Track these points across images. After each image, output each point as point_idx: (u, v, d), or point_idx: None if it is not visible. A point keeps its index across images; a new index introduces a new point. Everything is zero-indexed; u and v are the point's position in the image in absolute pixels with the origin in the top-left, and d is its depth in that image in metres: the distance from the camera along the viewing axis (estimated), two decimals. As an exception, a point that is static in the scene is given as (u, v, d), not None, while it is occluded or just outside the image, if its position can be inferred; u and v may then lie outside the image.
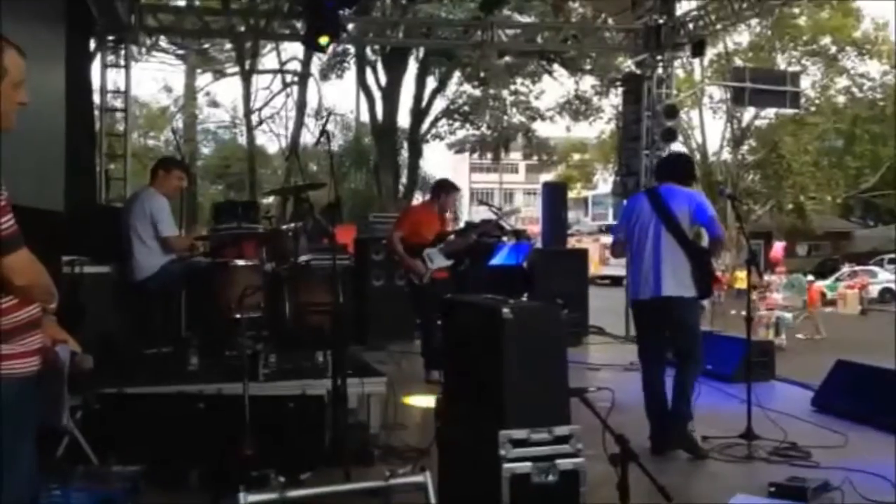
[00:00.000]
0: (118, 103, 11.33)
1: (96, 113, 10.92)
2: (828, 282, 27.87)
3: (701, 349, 5.04)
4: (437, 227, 7.17)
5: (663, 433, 4.85)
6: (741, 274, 19.98)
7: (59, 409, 3.47)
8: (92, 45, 10.98)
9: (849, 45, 30.83)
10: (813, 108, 30.62)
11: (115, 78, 11.25)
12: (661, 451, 4.76)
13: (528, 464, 3.03)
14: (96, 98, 11.07)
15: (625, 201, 8.34)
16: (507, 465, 3.01)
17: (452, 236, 7.34)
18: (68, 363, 2.76)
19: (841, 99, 32.05)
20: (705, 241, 5.12)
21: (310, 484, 3.57)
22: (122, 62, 11.20)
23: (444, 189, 7.33)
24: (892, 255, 37.19)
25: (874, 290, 27.42)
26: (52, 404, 3.29)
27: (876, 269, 31.30)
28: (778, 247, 27.36)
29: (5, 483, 2.14)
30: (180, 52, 25.87)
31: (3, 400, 2.10)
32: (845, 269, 31.67)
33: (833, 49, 31.06)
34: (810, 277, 20.81)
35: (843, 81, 31.84)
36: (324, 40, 10.08)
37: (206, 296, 5.38)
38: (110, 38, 11.11)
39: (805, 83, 26.55)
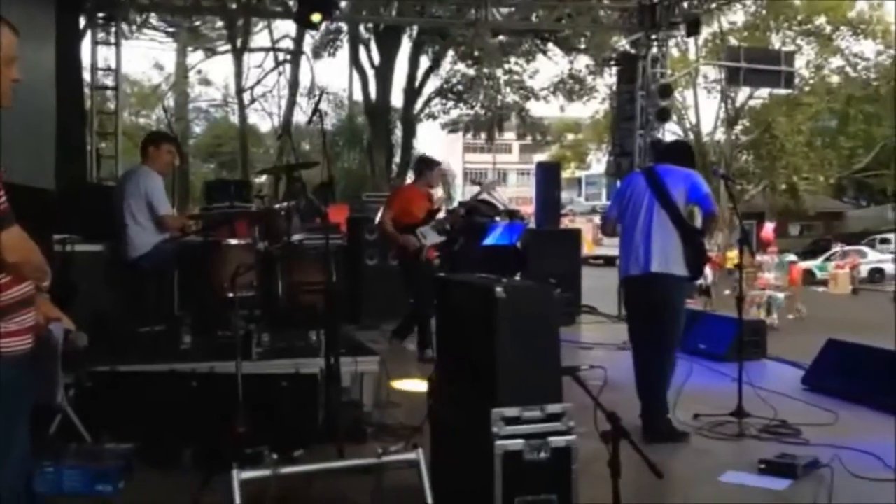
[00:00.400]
0: (109, 81, 11.24)
1: (87, 91, 10.85)
2: (817, 262, 28.03)
3: (679, 333, 4.98)
4: (426, 205, 7.23)
5: (655, 412, 4.86)
6: (733, 254, 20.06)
7: (53, 387, 3.47)
8: (82, 22, 10.90)
9: (843, 24, 30.71)
10: (807, 88, 30.56)
11: (106, 55, 11.16)
12: (656, 430, 4.76)
13: (521, 441, 3.05)
14: (87, 76, 10.99)
15: (618, 182, 8.33)
16: (499, 443, 3.02)
17: (442, 214, 7.40)
18: (62, 341, 2.75)
19: (835, 79, 31.97)
20: (698, 222, 5.13)
21: (303, 461, 3.59)
22: (112, 40, 11.10)
23: (428, 165, 7.49)
24: (884, 235, 37.39)
25: (864, 270, 27.55)
26: (46, 382, 3.29)
27: (866, 249, 31.43)
28: (768, 227, 27.43)
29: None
30: (171, 29, 25.68)
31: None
32: (835, 248, 31.81)
33: (828, 29, 30.94)
34: (793, 257, 20.97)
35: (837, 61, 31.76)
36: (316, 17, 10.01)
37: (198, 275, 5.36)
38: (100, 15, 11.01)
39: (799, 63, 26.44)
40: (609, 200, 5.49)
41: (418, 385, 5.10)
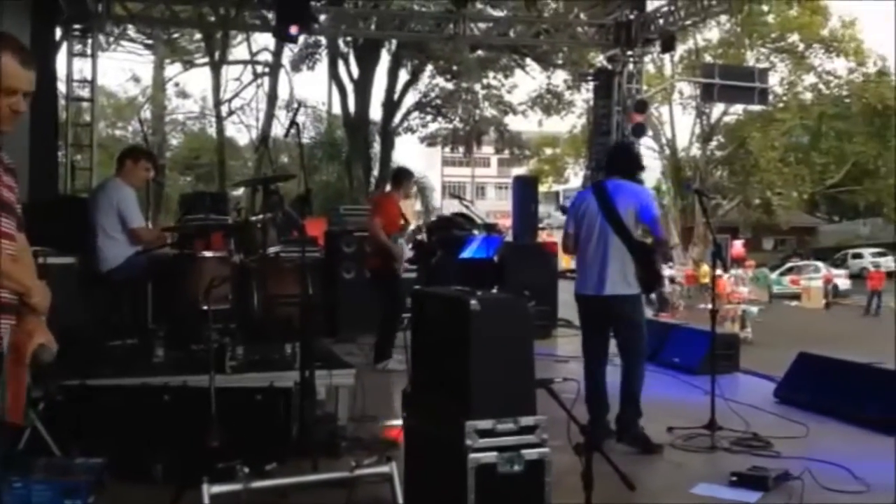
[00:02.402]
0: (84, 93, 11.19)
1: (62, 102, 10.77)
2: (773, 276, 28.47)
3: (644, 343, 5.00)
4: (400, 215, 7.42)
5: (601, 424, 4.86)
6: (707, 268, 20.28)
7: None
8: (58, 33, 10.83)
9: (816, 42, 31.24)
10: (780, 105, 31.00)
11: (82, 67, 11.11)
12: (599, 442, 4.72)
13: (494, 454, 3.06)
14: (62, 87, 10.92)
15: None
16: (472, 455, 3.03)
17: (412, 226, 7.67)
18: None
19: (808, 96, 32.48)
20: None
21: (276, 475, 3.57)
22: (88, 51, 11.05)
23: (406, 175, 7.81)
24: (856, 251, 37.92)
25: (812, 284, 28.15)
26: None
27: (819, 263, 31.98)
28: (737, 244, 27.87)
29: None
30: (149, 41, 25.57)
31: None
32: (791, 263, 32.40)
33: (801, 46, 31.46)
34: (719, 272, 21.25)
35: (810, 78, 32.31)
36: (294, 30, 10.02)
37: (172, 287, 5.33)
38: (76, 26, 10.96)
39: (773, 80, 26.88)
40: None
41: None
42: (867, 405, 5.53)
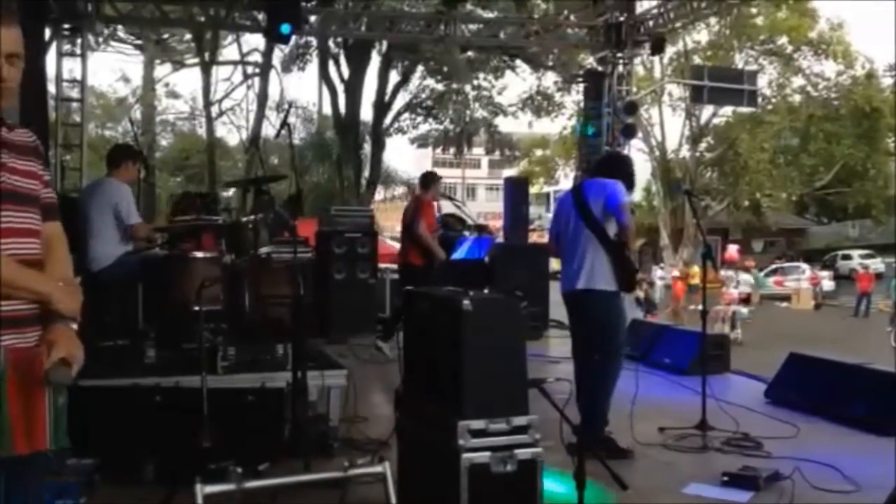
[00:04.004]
0: (74, 93, 11.13)
1: (52, 103, 10.72)
2: (759, 275, 28.69)
3: (618, 344, 4.90)
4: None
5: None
6: (697, 270, 20.42)
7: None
8: (47, 33, 10.78)
9: (805, 44, 31.37)
10: (770, 107, 31.12)
11: (72, 67, 11.06)
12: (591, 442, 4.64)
13: (487, 454, 3.06)
14: (52, 88, 10.86)
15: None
16: (465, 455, 3.03)
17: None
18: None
19: (797, 98, 32.61)
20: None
21: (268, 475, 3.56)
22: (78, 51, 11.00)
23: (434, 179, 8.28)
24: (845, 252, 38.14)
25: (799, 286, 28.45)
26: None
27: (804, 265, 32.22)
28: (732, 249, 28.04)
29: None
30: (138, 42, 25.49)
31: None
32: (776, 264, 32.61)
33: (789, 49, 31.59)
34: (675, 273, 21.72)
35: (798, 81, 32.42)
36: (285, 30, 10.01)
37: (163, 288, 5.31)
38: (66, 26, 10.90)
39: (762, 82, 26.99)
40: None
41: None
42: (857, 405, 5.56)
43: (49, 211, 2.09)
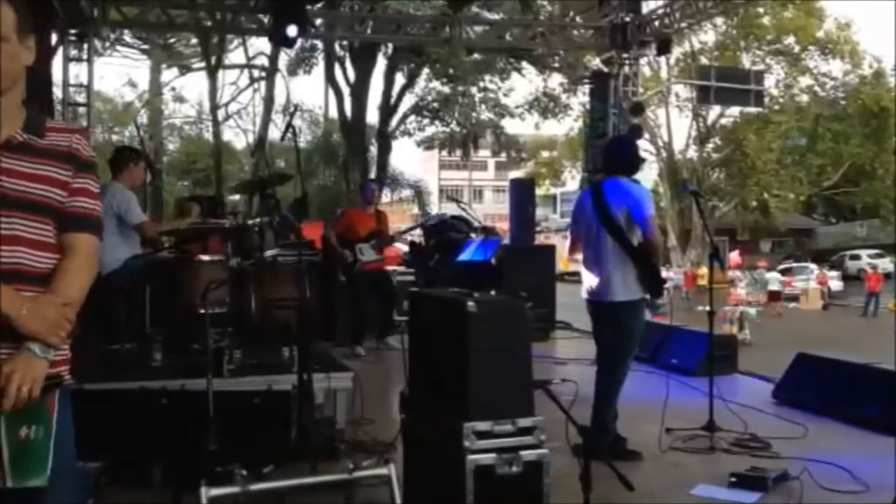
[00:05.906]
0: (81, 98, 11.16)
1: (58, 108, 10.75)
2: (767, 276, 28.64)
3: (629, 353, 4.84)
4: (370, 224, 8.18)
5: (607, 428, 4.75)
6: (704, 270, 20.42)
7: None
8: (54, 38, 10.81)
9: (812, 44, 31.34)
10: (777, 107, 31.08)
11: (78, 72, 11.09)
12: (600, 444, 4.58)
13: (492, 455, 3.05)
14: (58, 92, 10.90)
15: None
16: (471, 457, 3.02)
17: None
18: None
19: (804, 98, 32.56)
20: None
21: (274, 478, 3.56)
22: (84, 56, 11.04)
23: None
24: (854, 252, 37.99)
25: (808, 286, 28.35)
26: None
27: (812, 265, 32.10)
28: (734, 255, 28.06)
29: None
30: (145, 46, 25.59)
31: None
32: (784, 265, 32.53)
33: (796, 48, 31.56)
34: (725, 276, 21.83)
35: (806, 80, 32.37)
36: (291, 33, 10.03)
37: (170, 291, 5.32)
38: (73, 31, 10.94)
39: (769, 82, 27.00)
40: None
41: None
42: (866, 405, 5.53)
43: (71, 222, 1.90)
